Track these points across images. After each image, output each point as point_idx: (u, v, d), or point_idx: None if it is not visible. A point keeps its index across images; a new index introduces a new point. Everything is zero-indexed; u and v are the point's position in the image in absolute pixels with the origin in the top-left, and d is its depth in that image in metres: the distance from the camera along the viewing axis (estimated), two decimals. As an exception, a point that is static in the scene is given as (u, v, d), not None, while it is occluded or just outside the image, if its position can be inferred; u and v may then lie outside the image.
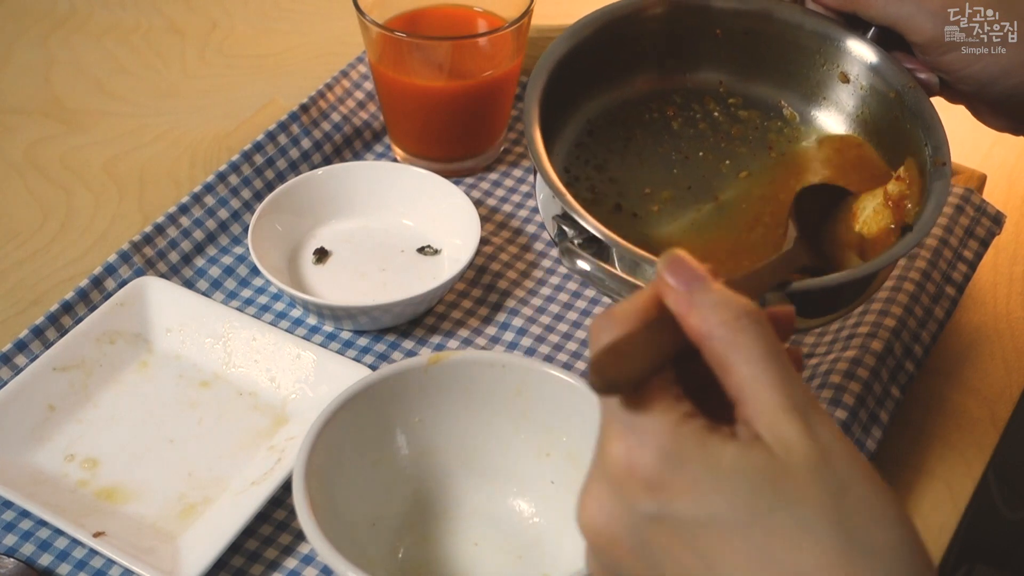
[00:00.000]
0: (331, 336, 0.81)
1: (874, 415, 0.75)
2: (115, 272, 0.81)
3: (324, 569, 0.69)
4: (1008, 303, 0.85)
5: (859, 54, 0.75)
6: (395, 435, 0.70)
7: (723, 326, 0.46)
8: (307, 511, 0.62)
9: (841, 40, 0.76)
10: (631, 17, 0.77)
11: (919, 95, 0.72)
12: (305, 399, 0.76)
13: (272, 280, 0.79)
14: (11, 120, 0.98)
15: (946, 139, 0.70)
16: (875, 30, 0.74)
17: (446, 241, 0.85)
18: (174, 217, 0.85)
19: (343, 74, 0.96)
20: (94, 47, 1.05)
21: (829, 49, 0.76)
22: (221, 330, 0.79)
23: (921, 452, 0.76)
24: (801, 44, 0.77)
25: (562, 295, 0.84)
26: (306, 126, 0.91)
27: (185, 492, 0.72)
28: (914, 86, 0.73)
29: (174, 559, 0.67)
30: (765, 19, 0.77)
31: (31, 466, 0.72)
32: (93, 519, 0.69)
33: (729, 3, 0.78)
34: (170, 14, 1.09)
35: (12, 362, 0.77)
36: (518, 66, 0.90)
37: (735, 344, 0.46)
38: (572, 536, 0.68)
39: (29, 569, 0.68)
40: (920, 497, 0.74)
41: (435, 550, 0.69)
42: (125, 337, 0.79)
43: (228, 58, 1.05)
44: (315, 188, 0.86)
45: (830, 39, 0.76)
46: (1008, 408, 0.79)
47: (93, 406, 0.76)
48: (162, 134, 0.97)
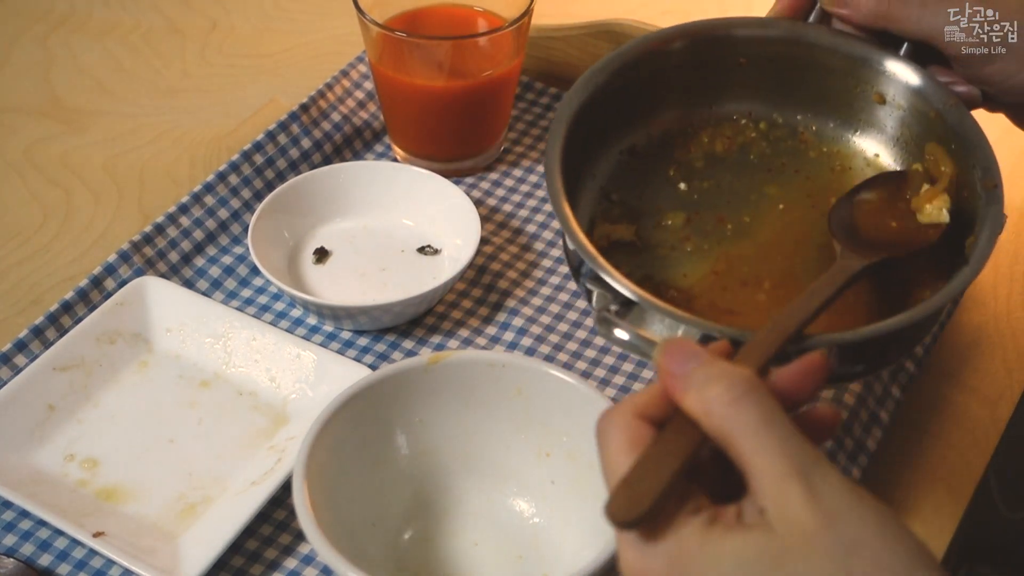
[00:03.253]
0: (331, 336, 0.81)
1: (874, 415, 0.75)
2: (115, 272, 0.81)
3: (324, 569, 0.69)
4: (1008, 303, 0.85)
5: (894, 73, 0.71)
6: (395, 435, 0.70)
7: (718, 401, 0.47)
8: (307, 511, 0.62)
9: (874, 60, 0.71)
10: (651, 55, 0.73)
11: (961, 113, 0.68)
12: (305, 399, 0.76)
13: (272, 280, 0.79)
14: (11, 120, 0.98)
15: (995, 159, 0.66)
16: (908, 45, 0.70)
17: (446, 241, 0.85)
18: (174, 217, 0.85)
19: (343, 74, 0.95)
20: (94, 47, 1.05)
21: (862, 70, 0.72)
22: (221, 330, 0.79)
23: (921, 452, 0.76)
24: (831, 67, 0.72)
25: (562, 295, 0.84)
26: (306, 126, 0.91)
27: (185, 492, 0.72)
28: (955, 103, 0.68)
29: (174, 559, 0.67)
30: (791, 44, 0.73)
31: (31, 466, 0.72)
32: (93, 519, 0.69)
33: (753, 31, 0.73)
34: (170, 14, 1.09)
35: (12, 362, 0.77)
36: (518, 66, 0.90)
37: (733, 418, 0.46)
38: (572, 536, 0.68)
39: (29, 569, 0.68)
40: (920, 497, 0.74)
41: (435, 550, 0.69)
42: (125, 337, 0.79)
43: (228, 58, 1.05)
44: (315, 188, 0.86)
45: (862, 60, 0.71)
46: (1008, 408, 0.79)
47: (93, 406, 0.76)
48: (162, 134, 0.97)
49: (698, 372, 0.48)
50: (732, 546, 0.45)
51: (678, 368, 0.48)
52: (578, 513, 0.68)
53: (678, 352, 0.49)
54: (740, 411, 0.46)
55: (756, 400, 0.47)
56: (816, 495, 0.44)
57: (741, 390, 0.47)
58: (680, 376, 0.48)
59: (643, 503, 0.46)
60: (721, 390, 0.47)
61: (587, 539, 0.66)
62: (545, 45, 0.98)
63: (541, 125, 0.96)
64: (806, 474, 0.45)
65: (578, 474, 0.68)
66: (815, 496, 0.44)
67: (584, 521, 0.67)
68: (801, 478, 0.45)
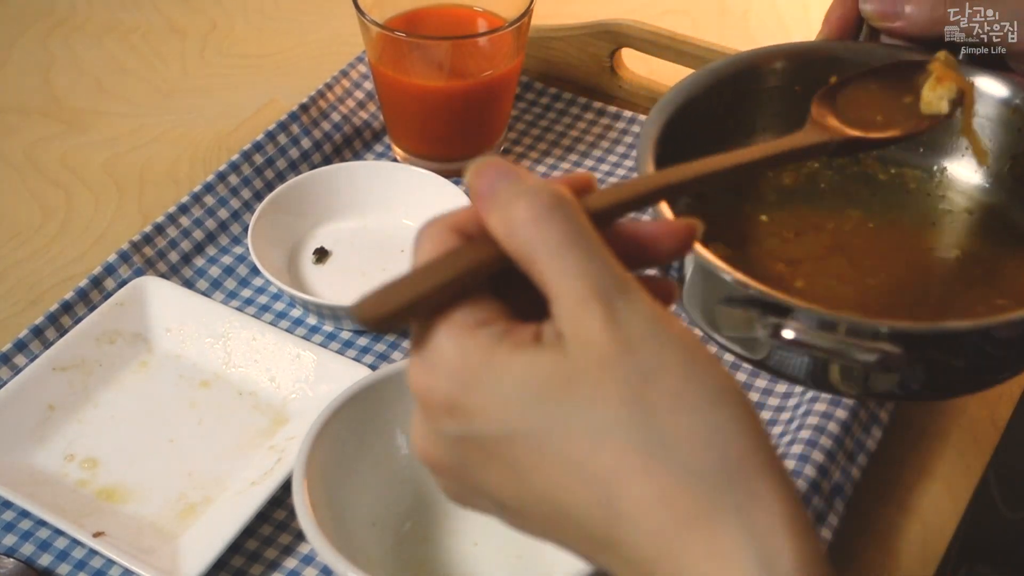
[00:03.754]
0: (331, 336, 0.81)
1: (874, 415, 0.75)
2: (115, 272, 0.81)
3: (324, 569, 0.69)
4: (1008, 303, 0.85)
5: None
6: (395, 435, 0.70)
7: (519, 219, 0.43)
8: (307, 511, 0.62)
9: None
10: (747, 73, 0.70)
11: None
12: (305, 399, 0.76)
13: (272, 280, 0.79)
14: (11, 120, 0.98)
15: None
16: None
17: (446, 241, 0.85)
18: (174, 217, 0.85)
19: (343, 74, 0.96)
20: (94, 47, 1.05)
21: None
22: (221, 330, 0.79)
23: (921, 452, 0.76)
24: None
25: (562, 295, 0.84)
26: (306, 126, 0.91)
27: (185, 492, 0.72)
28: None
29: (174, 559, 0.67)
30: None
31: (31, 466, 0.72)
32: (93, 519, 0.69)
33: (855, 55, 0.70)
34: (170, 14, 1.09)
35: (12, 362, 0.77)
36: (518, 66, 0.90)
37: (533, 238, 0.43)
38: (572, 536, 0.68)
39: (29, 569, 0.68)
40: (920, 497, 0.74)
41: (435, 550, 0.69)
42: (125, 337, 0.79)
43: (228, 58, 1.05)
44: (315, 188, 0.86)
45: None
46: (1008, 408, 0.79)
47: (93, 406, 0.76)
48: (162, 134, 0.97)
49: (505, 190, 0.43)
50: (519, 364, 0.42)
51: (486, 186, 0.44)
52: (578, 513, 0.68)
53: (489, 169, 0.44)
54: (541, 230, 0.42)
55: (561, 218, 0.42)
56: (616, 320, 0.41)
57: (545, 207, 0.43)
58: (488, 195, 0.44)
59: (389, 304, 0.43)
60: (523, 207, 0.43)
61: (587, 539, 0.66)
62: (545, 45, 0.98)
63: (541, 125, 0.96)
64: (607, 298, 0.42)
65: (578, 474, 0.68)
66: (615, 321, 0.41)
67: (584, 521, 0.67)
68: (601, 301, 0.41)
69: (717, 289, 0.59)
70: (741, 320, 0.58)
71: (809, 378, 0.59)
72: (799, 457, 0.70)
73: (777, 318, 0.56)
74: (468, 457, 0.44)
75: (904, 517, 0.73)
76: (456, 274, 0.44)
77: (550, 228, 0.42)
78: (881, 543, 0.71)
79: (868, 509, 0.73)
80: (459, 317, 0.43)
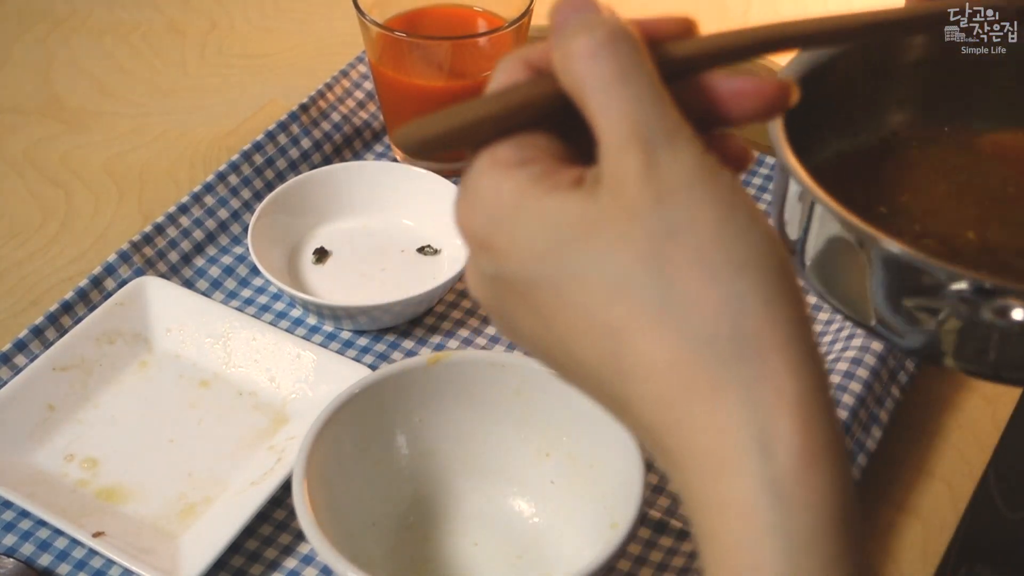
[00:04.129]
0: (331, 336, 0.81)
1: (874, 415, 0.75)
2: (115, 272, 0.81)
3: (324, 569, 0.69)
4: (1008, 303, 0.85)
5: None
6: (395, 435, 0.70)
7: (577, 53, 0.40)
8: (307, 511, 0.62)
9: None
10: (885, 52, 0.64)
11: None
12: (305, 399, 0.76)
13: (272, 280, 0.79)
14: (11, 120, 0.98)
15: None
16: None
17: (446, 241, 0.85)
18: (174, 217, 0.85)
19: (343, 74, 0.96)
20: (94, 47, 1.05)
21: None
22: (221, 330, 0.79)
23: (921, 452, 0.76)
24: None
25: (562, 295, 0.84)
26: (306, 126, 0.91)
27: (185, 492, 0.72)
28: None
29: (174, 559, 0.67)
30: None
31: (31, 466, 0.72)
32: (93, 519, 0.69)
33: None
34: (170, 14, 1.09)
35: (12, 362, 0.77)
36: (518, 66, 0.90)
37: (586, 71, 0.40)
38: (572, 536, 0.68)
39: (29, 569, 0.68)
40: (920, 497, 0.74)
41: (435, 550, 0.69)
42: (125, 337, 0.79)
43: (228, 58, 1.05)
44: (315, 188, 0.86)
45: None
46: (1008, 408, 0.79)
47: (93, 406, 0.76)
48: (162, 134, 0.97)
49: (572, 22, 0.41)
50: (548, 207, 0.40)
51: (560, 20, 0.41)
52: (578, 513, 0.68)
53: (566, 5, 0.41)
54: (596, 64, 0.40)
55: (617, 53, 0.39)
56: (655, 168, 0.39)
57: (602, 42, 0.40)
58: (558, 29, 0.41)
59: (430, 131, 0.41)
60: (583, 41, 0.40)
61: (587, 539, 0.66)
62: (545, 45, 0.98)
63: (541, 125, 0.96)
64: (651, 143, 0.39)
65: (578, 474, 0.68)
66: (653, 168, 0.38)
67: (584, 521, 0.67)
68: (642, 145, 0.39)
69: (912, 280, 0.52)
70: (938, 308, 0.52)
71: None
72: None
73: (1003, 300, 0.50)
74: (504, 297, 0.43)
75: (904, 517, 0.73)
76: (506, 107, 0.42)
77: (604, 63, 0.40)
78: (881, 543, 0.71)
79: (868, 509, 0.73)
80: (502, 154, 0.42)
